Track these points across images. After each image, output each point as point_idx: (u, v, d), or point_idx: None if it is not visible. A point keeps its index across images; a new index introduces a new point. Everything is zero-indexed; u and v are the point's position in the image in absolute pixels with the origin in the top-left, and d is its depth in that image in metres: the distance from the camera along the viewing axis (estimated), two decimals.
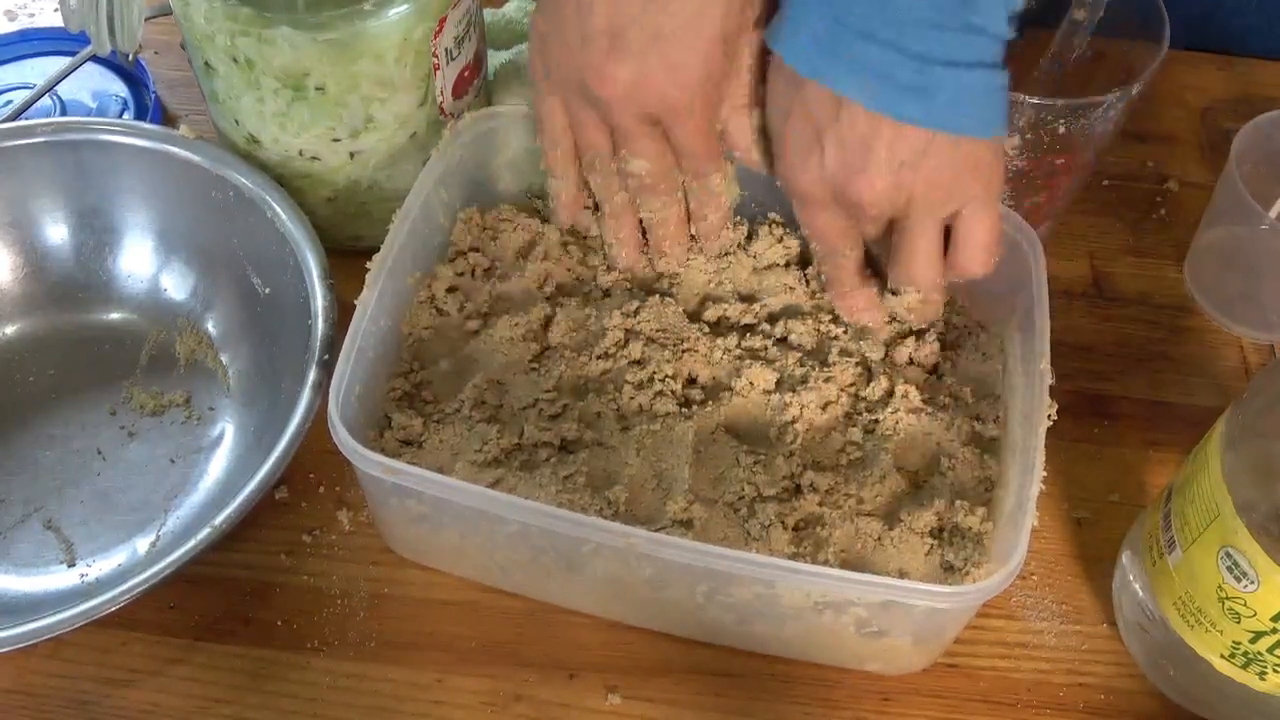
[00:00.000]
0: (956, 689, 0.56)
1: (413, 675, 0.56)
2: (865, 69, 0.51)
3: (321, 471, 0.62)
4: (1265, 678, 0.51)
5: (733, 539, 0.54)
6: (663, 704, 0.56)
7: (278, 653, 0.57)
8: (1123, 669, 0.57)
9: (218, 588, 0.58)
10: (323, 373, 0.57)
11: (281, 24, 0.58)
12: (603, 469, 0.56)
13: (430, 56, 0.62)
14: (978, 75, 0.51)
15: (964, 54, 0.50)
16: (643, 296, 0.62)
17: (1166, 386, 0.67)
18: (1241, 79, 0.81)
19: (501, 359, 0.60)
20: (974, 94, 0.51)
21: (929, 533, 0.54)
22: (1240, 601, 0.49)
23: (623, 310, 0.61)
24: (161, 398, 0.64)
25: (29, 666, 0.56)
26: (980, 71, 0.51)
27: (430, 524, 0.55)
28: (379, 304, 0.57)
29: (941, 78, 0.50)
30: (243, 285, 0.65)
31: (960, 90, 0.51)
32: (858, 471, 0.57)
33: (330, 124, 0.62)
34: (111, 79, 0.77)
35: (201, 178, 0.64)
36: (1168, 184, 0.76)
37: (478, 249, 0.64)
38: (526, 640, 0.57)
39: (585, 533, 0.50)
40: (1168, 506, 0.53)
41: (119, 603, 0.51)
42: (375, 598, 0.58)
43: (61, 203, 0.66)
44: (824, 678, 0.56)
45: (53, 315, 0.67)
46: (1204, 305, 0.70)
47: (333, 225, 0.67)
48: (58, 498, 0.61)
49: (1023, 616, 0.59)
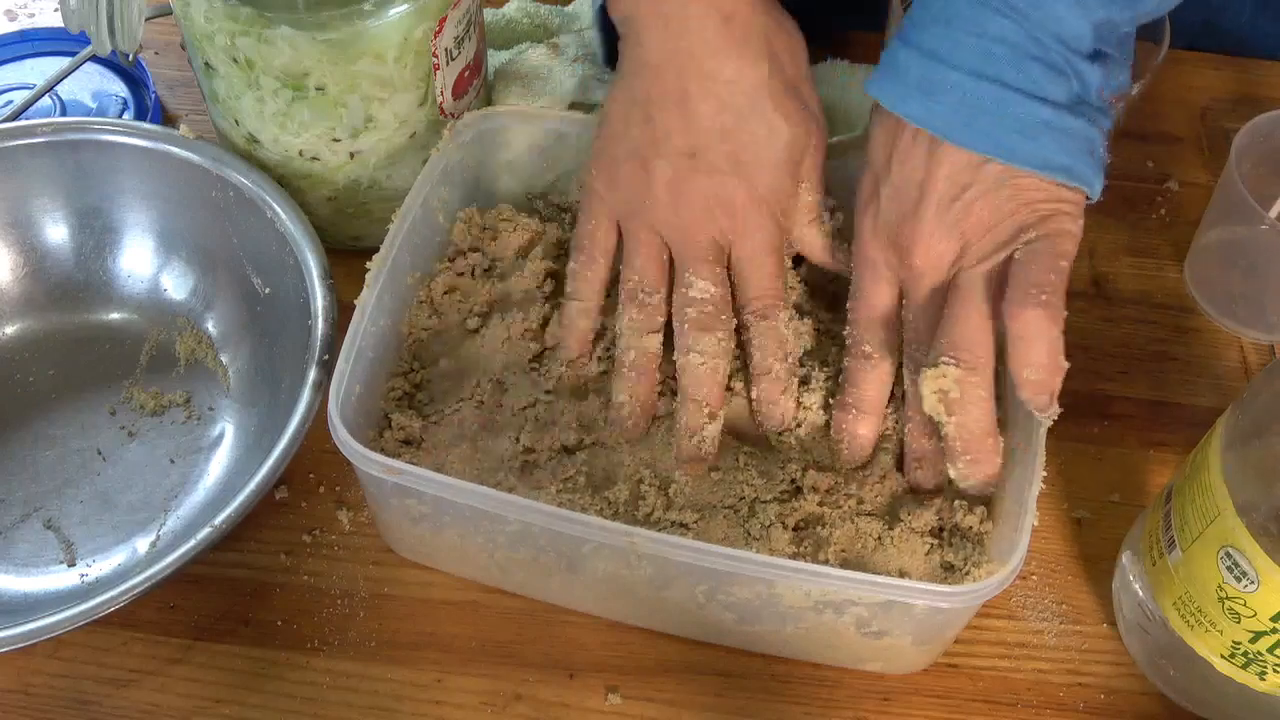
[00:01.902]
0: (956, 689, 0.56)
1: (413, 675, 0.56)
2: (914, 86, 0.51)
3: (321, 471, 0.62)
4: (1265, 678, 0.51)
5: (733, 539, 0.54)
6: (663, 704, 0.56)
7: (278, 653, 0.57)
8: (1123, 669, 0.57)
9: (218, 588, 0.58)
10: (323, 373, 0.57)
11: (281, 24, 0.58)
12: (602, 469, 0.56)
13: (430, 56, 0.62)
14: (1034, 106, 0.50)
15: (1018, 80, 0.49)
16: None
17: (1167, 386, 0.67)
18: (1241, 79, 0.81)
19: (501, 359, 0.60)
20: (1024, 124, 0.50)
21: (929, 533, 0.54)
22: (1240, 601, 0.49)
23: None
24: (161, 398, 0.64)
25: (29, 666, 0.56)
26: (1041, 105, 0.50)
27: (430, 524, 0.55)
28: (379, 304, 0.57)
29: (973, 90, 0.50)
30: (243, 285, 0.65)
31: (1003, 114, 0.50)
32: (858, 471, 0.57)
33: (330, 124, 0.62)
34: (111, 79, 0.77)
35: (201, 178, 0.64)
36: (1168, 184, 0.76)
37: (477, 249, 0.64)
38: (526, 640, 0.57)
39: (585, 533, 0.50)
40: (1168, 506, 0.53)
41: (119, 603, 0.51)
42: (375, 598, 0.58)
43: (61, 203, 0.66)
44: (824, 678, 0.56)
45: (53, 315, 0.67)
46: (1204, 305, 0.70)
47: (333, 225, 0.67)
48: (58, 498, 0.61)
49: (1023, 616, 0.59)
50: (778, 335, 0.57)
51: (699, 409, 0.55)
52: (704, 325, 0.56)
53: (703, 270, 0.56)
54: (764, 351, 0.56)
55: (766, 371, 0.56)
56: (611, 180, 0.58)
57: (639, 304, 0.57)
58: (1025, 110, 0.50)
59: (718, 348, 0.56)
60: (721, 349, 0.56)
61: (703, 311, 0.56)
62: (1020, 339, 0.50)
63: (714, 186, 0.56)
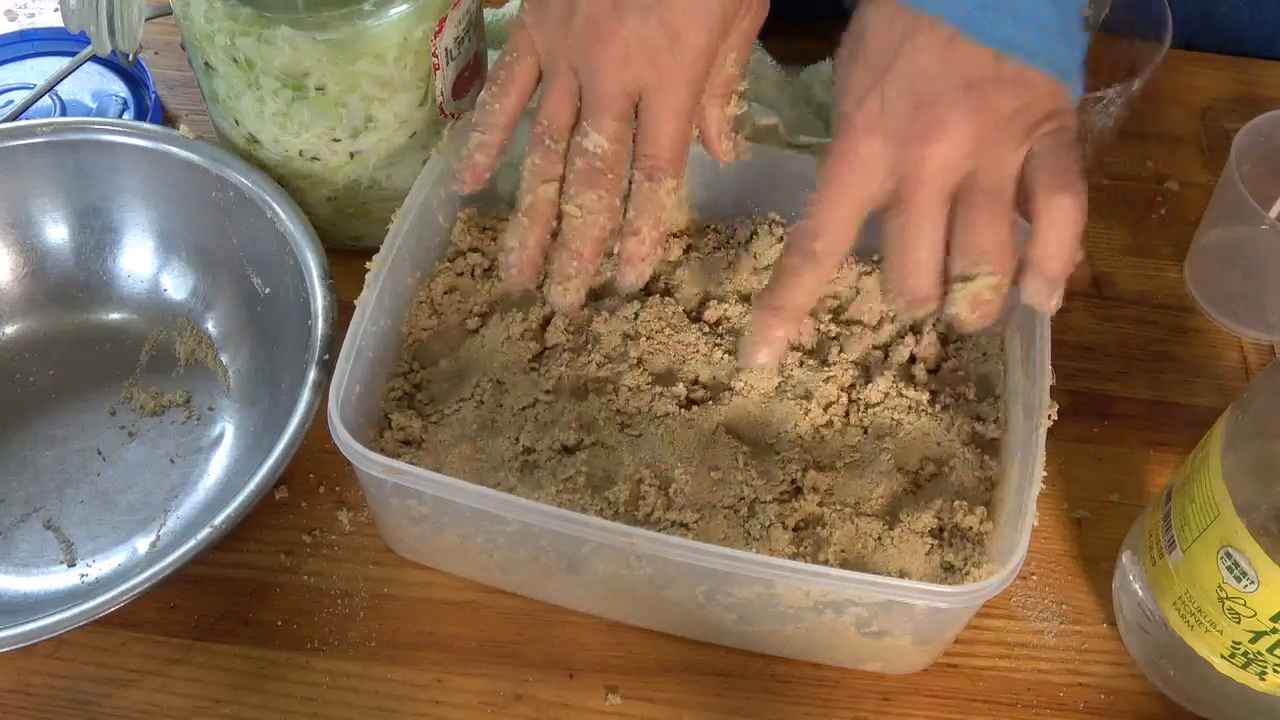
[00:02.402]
0: (956, 689, 0.56)
1: (413, 675, 0.56)
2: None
3: (321, 471, 0.62)
4: (1265, 678, 0.51)
5: (733, 539, 0.54)
6: (663, 704, 0.56)
7: (278, 653, 0.57)
8: (1123, 669, 0.57)
9: (218, 588, 0.58)
10: (323, 373, 0.57)
11: (281, 24, 0.58)
12: (602, 469, 0.56)
13: (430, 56, 0.62)
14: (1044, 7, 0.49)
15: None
16: (643, 297, 0.62)
17: (1167, 387, 0.67)
18: (1241, 79, 0.81)
19: (501, 359, 0.60)
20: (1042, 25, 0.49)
21: (929, 533, 0.54)
22: (1240, 601, 0.49)
23: (622, 312, 0.61)
24: (161, 398, 0.64)
25: (29, 666, 0.56)
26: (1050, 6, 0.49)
27: (430, 524, 0.55)
28: (379, 304, 0.57)
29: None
30: (243, 285, 0.65)
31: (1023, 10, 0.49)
32: (858, 472, 0.57)
33: (330, 124, 0.62)
34: (111, 79, 0.77)
35: (201, 178, 0.64)
36: (1168, 184, 0.76)
37: (477, 249, 0.64)
38: (526, 640, 0.57)
39: (585, 533, 0.50)
40: (1168, 506, 0.53)
41: (119, 603, 0.51)
42: (375, 598, 0.58)
43: (61, 203, 0.66)
44: (824, 678, 0.56)
45: (53, 315, 0.67)
46: (1204, 305, 0.70)
47: (333, 225, 0.67)
48: (58, 498, 0.61)
49: (1023, 616, 0.59)
50: (656, 200, 0.54)
51: (569, 257, 0.54)
52: (589, 180, 0.54)
53: (603, 122, 0.53)
54: (638, 211, 0.54)
55: (634, 232, 0.54)
56: (539, 14, 0.55)
57: (544, 149, 0.55)
58: (1038, 10, 0.49)
59: (598, 204, 0.54)
60: (603, 204, 0.54)
61: (590, 165, 0.54)
62: (1048, 225, 0.49)
63: (637, 31, 0.52)
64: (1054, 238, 0.49)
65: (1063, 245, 0.49)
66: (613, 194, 0.54)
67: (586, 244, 0.54)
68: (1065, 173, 0.49)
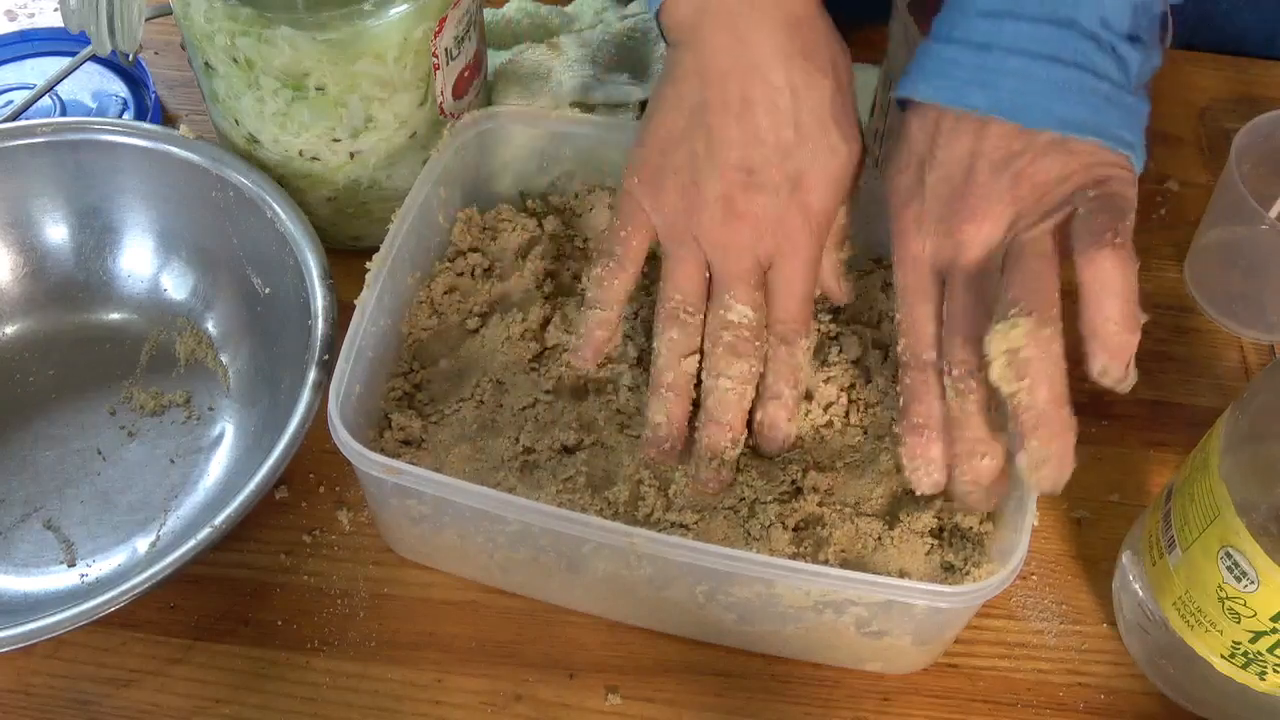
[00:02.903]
0: (956, 689, 0.56)
1: (413, 675, 0.56)
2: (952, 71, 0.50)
3: (321, 471, 0.62)
4: (1265, 678, 0.51)
5: (733, 539, 0.54)
6: (663, 704, 0.56)
7: (278, 653, 0.57)
8: (1123, 669, 0.57)
9: (218, 588, 0.58)
10: (323, 373, 0.57)
11: (281, 24, 0.58)
12: (602, 469, 0.56)
13: (430, 56, 0.62)
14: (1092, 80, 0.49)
15: (1042, 46, 0.49)
16: (642, 297, 0.62)
17: (1167, 387, 0.67)
18: (1241, 79, 0.81)
19: (501, 359, 0.60)
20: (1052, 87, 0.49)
21: (929, 533, 0.54)
22: (1240, 601, 0.49)
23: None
24: (161, 398, 0.64)
25: (29, 666, 0.56)
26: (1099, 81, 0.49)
27: (430, 524, 0.55)
28: (379, 304, 0.57)
29: (1011, 65, 0.49)
30: (243, 285, 0.65)
31: (1026, 79, 0.49)
32: (858, 472, 0.57)
33: (330, 124, 0.62)
34: (111, 79, 0.77)
35: (201, 178, 0.64)
36: (1168, 184, 0.76)
37: (477, 249, 0.64)
38: (526, 640, 0.57)
39: (585, 533, 0.50)
40: (1168, 506, 0.53)
41: (119, 603, 0.51)
42: (375, 598, 0.58)
43: (61, 203, 0.66)
44: (824, 678, 0.56)
45: (53, 315, 0.67)
46: (1204, 305, 0.70)
47: (333, 225, 0.67)
48: (58, 498, 0.61)
49: (1023, 616, 0.59)
50: (794, 363, 0.55)
51: (722, 432, 0.55)
52: (737, 351, 0.55)
53: (742, 293, 0.54)
54: (777, 375, 0.55)
55: (776, 396, 0.55)
56: (656, 190, 0.55)
57: (680, 324, 0.55)
58: (1086, 83, 0.49)
59: (748, 374, 0.55)
60: (751, 374, 0.55)
61: (738, 336, 0.54)
62: (1096, 287, 0.47)
63: (769, 206, 0.53)
64: (1104, 300, 0.47)
65: (1114, 305, 0.46)
66: (759, 363, 0.55)
67: (738, 416, 0.55)
68: (1104, 231, 0.47)
